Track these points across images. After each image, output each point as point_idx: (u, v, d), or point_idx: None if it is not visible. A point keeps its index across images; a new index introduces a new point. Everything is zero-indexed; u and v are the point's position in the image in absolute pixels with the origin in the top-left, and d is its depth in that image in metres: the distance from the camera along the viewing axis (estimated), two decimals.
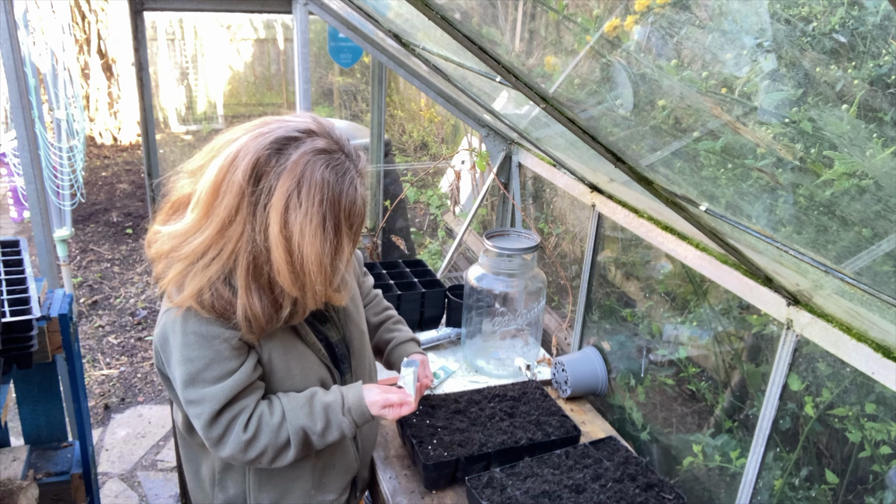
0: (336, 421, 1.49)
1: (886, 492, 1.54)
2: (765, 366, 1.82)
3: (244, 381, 1.43)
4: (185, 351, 1.40)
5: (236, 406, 1.44)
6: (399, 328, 1.91)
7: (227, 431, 1.44)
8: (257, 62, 8.18)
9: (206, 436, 1.45)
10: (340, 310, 1.64)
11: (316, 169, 1.31)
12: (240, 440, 1.44)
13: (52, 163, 4.23)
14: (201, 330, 1.40)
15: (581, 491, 1.70)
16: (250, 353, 1.46)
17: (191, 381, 1.41)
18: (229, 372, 1.42)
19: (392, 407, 1.54)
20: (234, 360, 1.42)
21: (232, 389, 1.42)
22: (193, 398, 1.42)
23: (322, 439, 1.50)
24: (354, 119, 7.52)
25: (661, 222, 1.97)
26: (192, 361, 1.40)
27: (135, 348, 4.42)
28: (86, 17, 7.85)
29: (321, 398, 1.50)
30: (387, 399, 1.53)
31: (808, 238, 1.24)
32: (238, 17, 7.69)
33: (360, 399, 1.52)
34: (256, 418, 1.45)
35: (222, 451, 1.46)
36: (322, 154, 1.33)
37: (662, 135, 1.39)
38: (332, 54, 3.21)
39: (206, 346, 1.40)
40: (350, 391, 1.53)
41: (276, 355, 1.49)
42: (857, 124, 1.05)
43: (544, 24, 1.66)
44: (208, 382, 1.41)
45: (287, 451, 1.48)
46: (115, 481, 3.30)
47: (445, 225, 4.07)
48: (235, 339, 1.42)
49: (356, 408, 1.51)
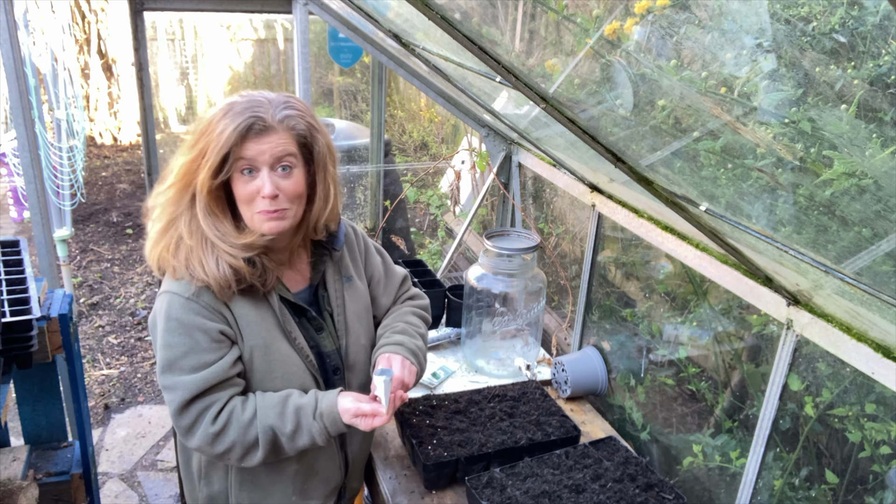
0: (306, 424, 1.46)
1: (886, 492, 1.54)
2: (765, 366, 1.82)
3: (219, 375, 1.43)
4: (165, 336, 1.43)
5: (207, 398, 1.44)
6: (391, 336, 1.69)
7: (196, 422, 1.45)
8: (257, 62, 8.18)
9: (176, 423, 1.46)
10: (339, 320, 1.62)
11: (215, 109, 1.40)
12: (207, 432, 1.44)
13: (52, 163, 4.23)
14: (183, 318, 1.42)
15: (581, 491, 1.70)
16: (231, 349, 1.46)
17: (168, 366, 1.43)
18: (205, 364, 1.43)
19: (365, 417, 1.47)
20: (212, 353, 1.44)
21: (205, 381, 1.42)
22: (167, 384, 1.44)
23: (292, 442, 1.47)
24: (354, 119, 7.51)
25: (661, 222, 1.97)
26: (170, 348, 1.43)
27: (135, 348, 4.42)
28: (86, 17, 7.85)
29: (295, 400, 1.48)
30: (359, 408, 1.47)
31: (808, 238, 1.24)
32: (238, 17, 7.69)
33: (332, 405, 1.47)
34: (227, 413, 1.45)
35: (191, 441, 1.47)
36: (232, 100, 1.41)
37: (662, 135, 1.39)
38: (332, 54, 3.21)
39: (185, 334, 1.42)
40: (325, 397, 1.49)
41: (257, 354, 1.49)
42: (856, 124, 1.05)
43: (544, 25, 1.66)
44: (184, 371, 1.43)
45: (255, 451, 1.47)
46: (115, 481, 3.30)
47: (445, 225, 4.07)
48: (216, 331, 1.43)
49: (328, 414, 1.47)
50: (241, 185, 1.40)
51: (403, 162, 5.59)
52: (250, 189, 1.40)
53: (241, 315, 1.48)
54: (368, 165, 3.51)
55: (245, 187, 1.40)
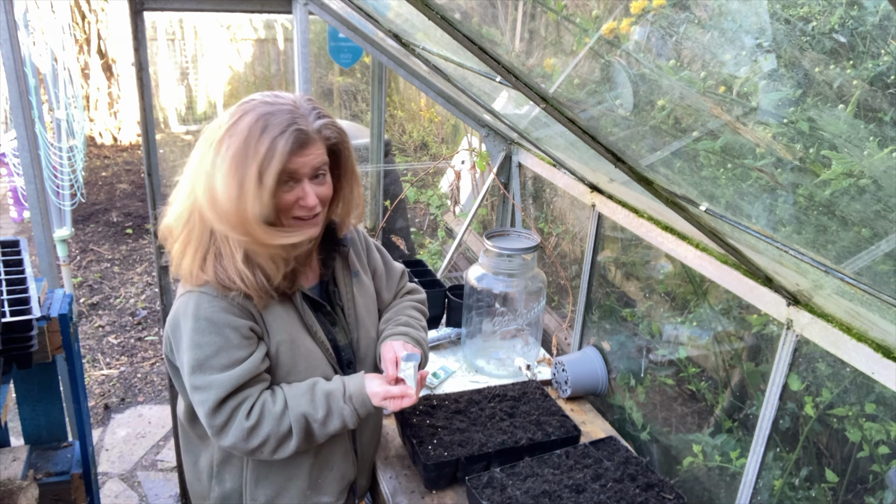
0: (337, 408, 1.50)
1: (886, 491, 1.54)
2: (764, 365, 1.82)
3: (251, 371, 1.45)
4: (195, 336, 1.43)
5: (240, 395, 1.46)
6: (395, 328, 1.74)
7: (230, 420, 1.45)
8: (257, 62, 8.18)
9: (209, 423, 1.46)
10: (350, 314, 1.65)
11: (247, 118, 1.35)
12: (242, 428, 1.45)
13: (52, 163, 4.24)
14: (213, 317, 1.42)
15: (581, 491, 1.70)
16: (259, 345, 1.48)
17: (199, 366, 1.43)
18: (237, 361, 1.44)
19: (394, 399, 1.53)
20: (244, 349, 1.44)
21: (239, 379, 1.43)
22: (199, 384, 1.44)
23: (323, 428, 1.50)
24: (354, 119, 7.52)
25: (661, 222, 1.97)
26: (201, 347, 1.43)
27: (135, 348, 4.42)
28: (86, 17, 7.85)
29: (323, 386, 1.51)
30: (388, 391, 1.53)
31: (807, 238, 1.24)
32: (238, 17, 7.69)
33: (361, 388, 1.52)
34: (259, 406, 1.46)
35: (225, 439, 1.47)
36: (263, 105, 1.37)
37: (662, 135, 1.39)
38: (332, 54, 3.20)
39: (216, 332, 1.42)
40: (352, 380, 1.54)
41: (283, 349, 1.51)
42: (855, 124, 1.05)
43: (544, 25, 1.66)
44: (216, 370, 1.43)
45: (289, 440, 1.49)
46: (115, 481, 3.30)
47: (445, 225, 4.07)
48: (246, 328, 1.45)
49: (357, 396, 1.51)
50: (280, 196, 1.40)
51: (403, 162, 5.59)
52: (290, 199, 1.41)
53: (266, 312, 1.50)
54: (368, 165, 3.51)
55: (285, 197, 1.40)
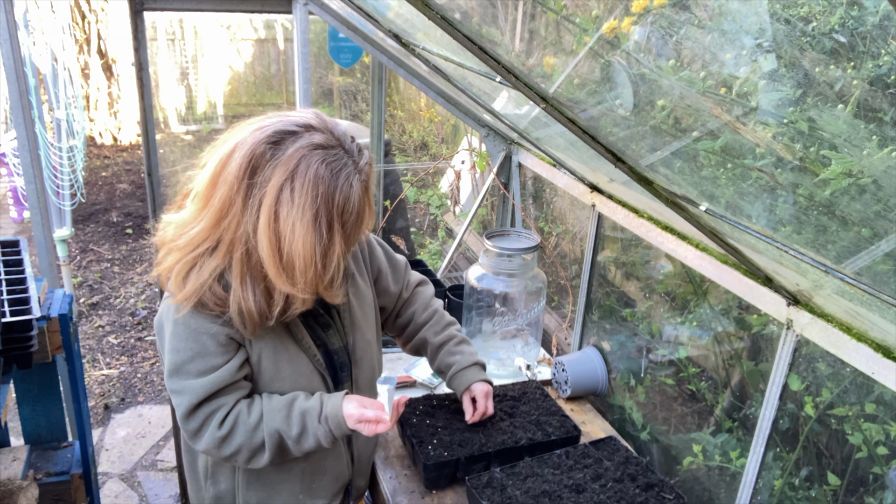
0: (312, 428, 1.47)
1: (886, 492, 1.54)
2: (764, 365, 1.82)
3: (226, 379, 1.44)
4: (173, 340, 1.43)
5: (214, 402, 1.45)
6: (461, 350, 1.85)
7: (203, 427, 1.45)
8: (257, 62, 8.19)
9: (184, 427, 1.47)
10: (346, 317, 1.62)
11: (311, 164, 1.30)
12: (214, 436, 1.45)
13: (52, 163, 4.24)
14: (190, 322, 1.41)
15: (581, 491, 1.70)
16: (238, 352, 1.46)
17: (175, 370, 1.43)
18: (212, 368, 1.43)
19: (368, 423, 1.48)
20: (219, 356, 1.43)
21: (212, 386, 1.43)
22: (175, 388, 1.45)
23: (298, 445, 1.48)
24: (354, 119, 7.52)
25: (661, 222, 1.97)
26: (178, 352, 1.42)
27: (135, 348, 4.42)
28: (86, 17, 7.85)
29: (300, 403, 1.48)
30: (362, 414, 1.47)
31: (807, 238, 1.24)
32: (238, 17, 7.69)
33: (337, 409, 1.48)
34: (233, 416, 1.45)
35: (198, 444, 1.48)
36: (319, 149, 1.32)
37: (662, 135, 1.39)
38: (332, 54, 3.20)
39: (192, 338, 1.42)
40: (330, 400, 1.50)
41: (265, 356, 1.49)
42: (855, 124, 1.05)
43: (544, 24, 1.66)
44: (191, 375, 1.43)
45: (262, 453, 1.48)
46: (115, 481, 3.30)
47: (445, 225, 4.07)
48: (223, 335, 1.42)
49: (333, 417, 1.47)
50: None
51: (403, 162, 5.59)
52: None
53: None
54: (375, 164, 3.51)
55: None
